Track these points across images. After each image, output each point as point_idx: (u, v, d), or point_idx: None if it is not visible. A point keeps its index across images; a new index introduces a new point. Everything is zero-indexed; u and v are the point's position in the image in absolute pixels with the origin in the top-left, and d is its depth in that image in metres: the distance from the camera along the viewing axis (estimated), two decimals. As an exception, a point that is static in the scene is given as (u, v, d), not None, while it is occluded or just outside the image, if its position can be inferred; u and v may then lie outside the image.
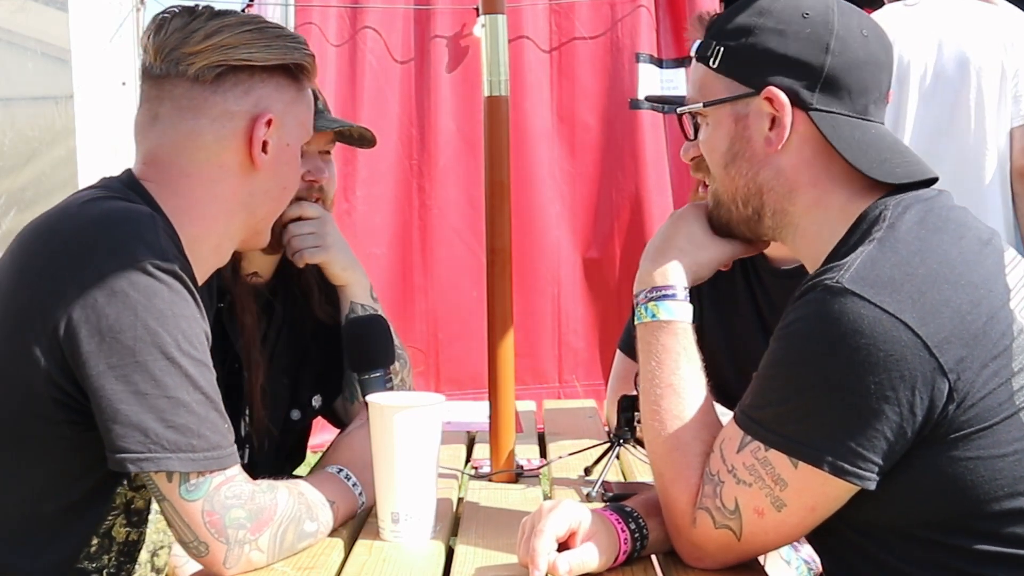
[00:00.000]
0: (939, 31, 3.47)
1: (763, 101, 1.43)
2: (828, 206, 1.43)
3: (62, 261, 1.37)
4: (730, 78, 1.47)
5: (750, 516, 1.35)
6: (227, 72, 1.49)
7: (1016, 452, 1.29)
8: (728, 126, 1.47)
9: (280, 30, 1.56)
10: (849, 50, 1.42)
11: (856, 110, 1.43)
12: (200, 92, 1.48)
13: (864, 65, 1.43)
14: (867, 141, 1.42)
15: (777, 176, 1.45)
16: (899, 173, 1.40)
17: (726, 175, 1.49)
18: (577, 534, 1.38)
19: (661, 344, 1.48)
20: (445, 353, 4.87)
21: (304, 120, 1.60)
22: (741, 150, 1.47)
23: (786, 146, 1.43)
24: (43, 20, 4.43)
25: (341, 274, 2.08)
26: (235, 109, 1.50)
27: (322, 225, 2.04)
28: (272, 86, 1.52)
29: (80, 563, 1.46)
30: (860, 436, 1.26)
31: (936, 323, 1.25)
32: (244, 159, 1.51)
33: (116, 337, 1.33)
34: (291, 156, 1.58)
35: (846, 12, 1.45)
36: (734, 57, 1.46)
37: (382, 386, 1.75)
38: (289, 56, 1.53)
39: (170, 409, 1.34)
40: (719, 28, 1.49)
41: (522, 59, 4.79)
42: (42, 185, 4.26)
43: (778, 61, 1.43)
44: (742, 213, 1.50)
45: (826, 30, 1.42)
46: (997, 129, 3.44)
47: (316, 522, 1.51)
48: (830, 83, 1.41)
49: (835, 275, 1.29)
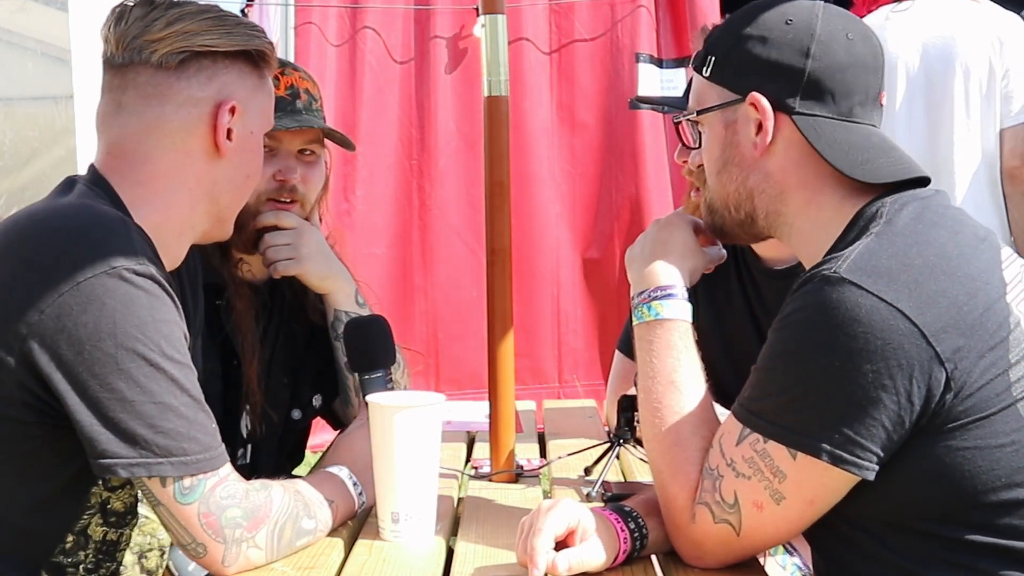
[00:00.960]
0: (927, 32, 3.47)
1: (748, 107, 1.47)
2: (821, 206, 1.45)
3: (34, 270, 1.35)
4: (720, 86, 1.51)
5: (749, 510, 1.35)
6: (190, 58, 1.49)
7: (1013, 443, 1.29)
8: (719, 132, 1.51)
9: (238, 19, 1.56)
10: (831, 54, 1.44)
11: (841, 112, 1.45)
12: (164, 79, 1.49)
13: (848, 68, 1.44)
14: (850, 142, 1.43)
15: (766, 179, 1.48)
16: (883, 173, 1.42)
17: (719, 181, 1.53)
18: (576, 533, 1.38)
19: (663, 341, 1.49)
20: (445, 353, 4.87)
21: (266, 109, 1.61)
22: (731, 156, 1.50)
23: (772, 150, 1.46)
24: (43, 20, 4.43)
25: (320, 284, 2.07)
26: (200, 95, 1.50)
27: (298, 236, 2.01)
28: (235, 73, 1.53)
29: (55, 557, 1.45)
30: (858, 425, 1.27)
31: (933, 313, 1.26)
32: (209, 146, 1.52)
33: (96, 346, 1.32)
34: (255, 144, 1.58)
35: (832, 17, 1.47)
36: (723, 66, 1.50)
37: (383, 386, 1.75)
38: (250, 43, 1.54)
39: (158, 415, 1.34)
40: (713, 39, 1.53)
41: (522, 59, 4.79)
42: (42, 185, 4.25)
43: (761, 67, 1.46)
44: (735, 217, 1.53)
45: (807, 35, 1.44)
46: (986, 129, 3.44)
47: (314, 520, 1.51)
48: (812, 87, 1.44)
49: (832, 265, 1.30)
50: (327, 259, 2.07)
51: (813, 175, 1.45)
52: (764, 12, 1.48)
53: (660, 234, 1.60)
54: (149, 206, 1.49)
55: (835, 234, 1.41)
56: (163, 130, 1.50)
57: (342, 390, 2.12)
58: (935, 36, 3.47)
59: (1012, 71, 3.41)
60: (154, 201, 1.50)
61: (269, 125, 1.62)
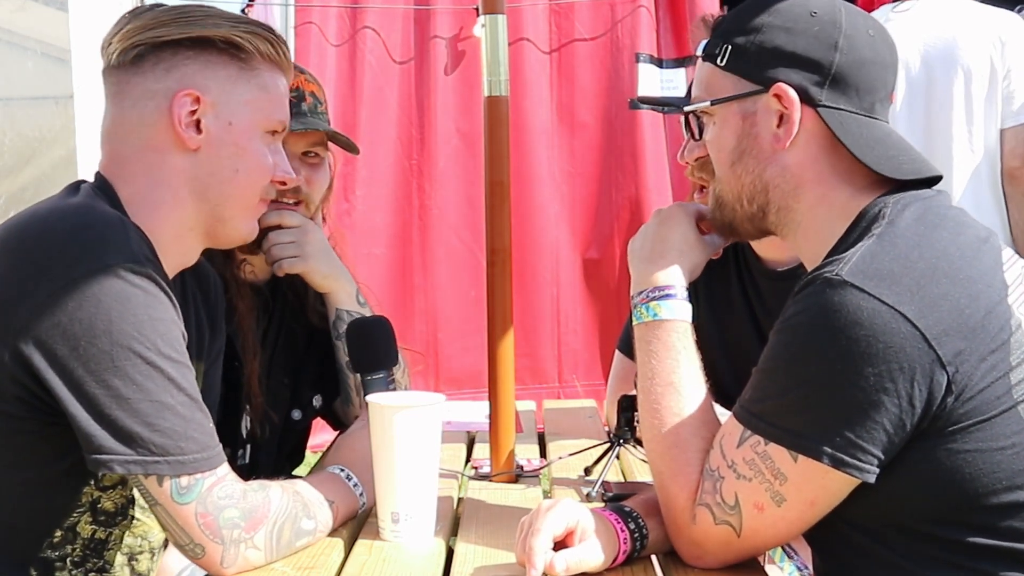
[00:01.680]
0: (928, 32, 3.47)
1: (772, 98, 1.44)
2: (832, 203, 1.44)
3: (30, 266, 1.35)
4: (738, 76, 1.47)
5: (750, 511, 1.35)
6: (146, 52, 1.49)
7: (1014, 446, 1.29)
8: (735, 124, 1.48)
9: (215, 11, 1.54)
10: (857, 48, 1.43)
11: (863, 108, 1.44)
12: (123, 76, 1.50)
13: (871, 64, 1.44)
14: (875, 138, 1.43)
15: (783, 173, 1.46)
16: (906, 170, 1.42)
17: (732, 173, 1.50)
18: (575, 533, 1.38)
19: (662, 342, 1.49)
20: (445, 353, 4.87)
21: (255, 101, 1.53)
22: (748, 147, 1.47)
23: (794, 143, 1.44)
24: (43, 20, 4.43)
25: (322, 283, 2.07)
26: (155, 87, 1.49)
27: (302, 234, 2.02)
28: (200, 63, 1.50)
29: (43, 552, 1.45)
30: (860, 428, 1.27)
31: (935, 316, 1.26)
32: (175, 139, 1.49)
33: (92, 343, 1.32)
34: (238, 137, 1.52)
35: (852, 12, 1.47)
36: (742, 55, 1.47)
37: (384, 387, 1.76)
38: (214, 31, 1.50)
39: (155, 413, 1.34)
40: (727, 27, 1.50)
41: (522, 59, 4.79)
42: (42, 185, 4.25)
43: (787, 58, 1.44)
44: (747, 211, 1.50)
45: (835, 28, 1.43)
46: (987, 130, 3.44)
47: (314, 520, 1.51)
48: (838, 80, 1.42)
49: (834, 268, 1.30)
50: (330, 258, 2.08)
51: (829, 170, 1.44)
52: (783, 3, 1.46)
53: (660, 230, 1.59)
54: (140, 207, 1.48)
55: (838, 233, 1.41)
56: (126, 127, 1.50)
57: (343, 390, 2.13)
58: (936, 37, 3.47)
59: (1013, 71, 3.41)
60: (143, 202, 1.49)
61: (265, 119, 1.55)
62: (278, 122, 1.58)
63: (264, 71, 1.55)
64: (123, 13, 1.52)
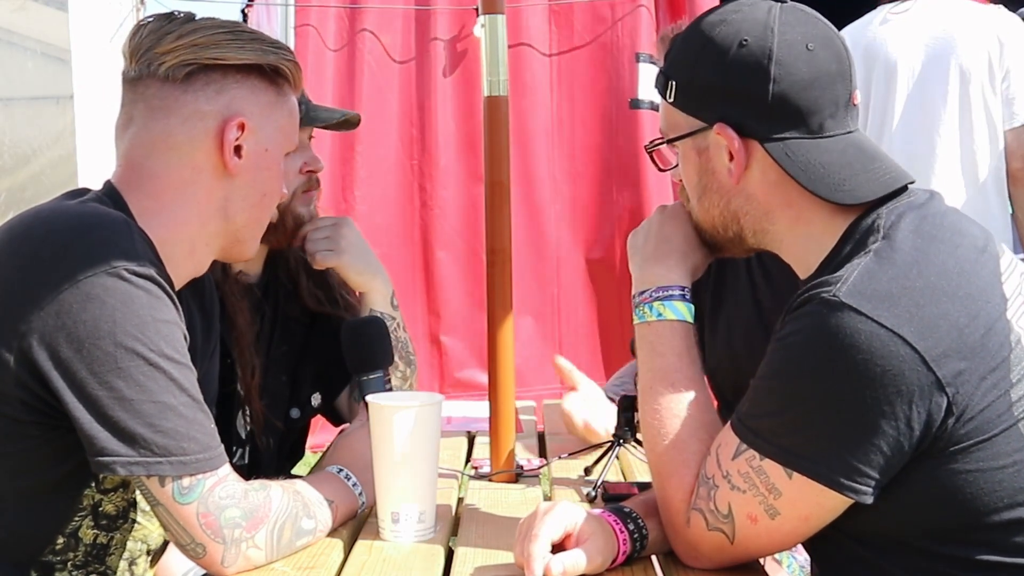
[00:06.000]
0: (927, 33, 3.47)
1: (716, 135, 1.42)
2: (810, 222, 1.41)
3: (34, 267, 1.35)
4: (686, 113, 1.46)
5: (743, 521, 1.34)
6: (198, 71, 1.48)
7: (1015, 463, 1.28)
8: (693, 159, 1.47)
9: (258, 34, 1.55)
10: (792, 72, 1.37)
11: (811, 130, 1.39)
12: (171, 91, 1.48)
13: (813, 83, 1.38)
14: (825, 163, 1.38)
15: (748, 201, 1.44)
16: (862, 192, 1.37)
17: (701, 206, 1.50)
18: (573, 536, 1.38)
19: (664, 343, 1.49)
20: (445, 353, 4.87)
21: (285, 127, 1.57)
22: (709, 182, 1.46)
23: (748, 175, 1.42)
24: (43, 20, 4.43)
25: (358, 279, 2.08)
26: (206, 109, 1.48)
27: (336, 229, 2.04)
28: (247, 88, 1.51)
29: (44, 557, 1.45)
30: (857, 451, 1.26)
31: (934, 337, 1.24)
32: (217, 162, 1.49)
33: (96, 344, 1.32)
34: (271, 162, 1.55)
35: (787, 27, 1.39)
36: (685, 91, 1.45)
37: (381, 387, 1.76)
38: (263, 58, 1.51)
39: (157, 414, 1.34)
40: (671, 60, 1.48)
41: (522, 59, 4.79)
42: (42, 185, 4.26)
43: (722, 94, 1.41)
44: (724, 236, 1.50)
45: (764, 56, 1.37)
46: (988, 130, 3.43)
47: (314, 520, 1.51)
48: (777, 110, 1.38)
49: (832, 288, 1.28)
50: (365, 254, 2.09)
51: (796, 194, 1.40)
52: (717, 29, 1.41)
53: (663, 229, 1.57)
54: (156, 220, 1.47)
55: (828, 247, 1.39)
56: (169, 144, 1.48)
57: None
58: (934, 37, 3.47)
59: (1012, 72, 3.41)
60: (162, 215, 1.48)
61: (291, 145, 1.59)
62: (295, 143, 1.61)
63: (291, 96, 1.58)
64: (150, 19, 1.50)
